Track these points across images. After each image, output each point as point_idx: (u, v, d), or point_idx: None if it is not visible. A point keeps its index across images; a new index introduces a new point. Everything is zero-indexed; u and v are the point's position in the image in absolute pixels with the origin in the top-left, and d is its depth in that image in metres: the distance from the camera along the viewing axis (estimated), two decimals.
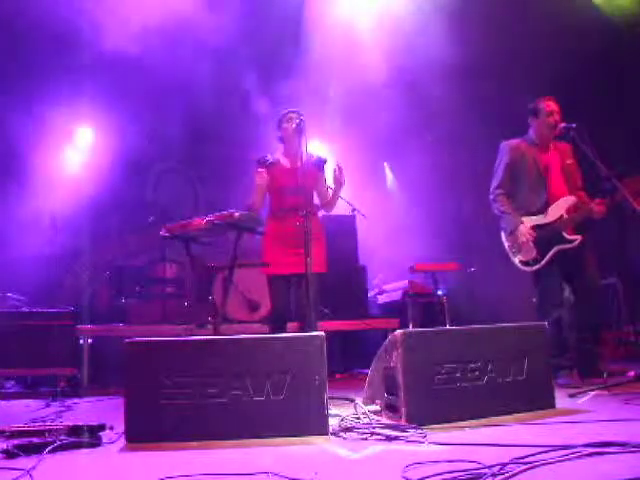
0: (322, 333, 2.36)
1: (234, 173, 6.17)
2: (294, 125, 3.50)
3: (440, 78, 6.26)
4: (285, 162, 3.70)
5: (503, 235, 3.96)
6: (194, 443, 2.20)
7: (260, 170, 3.62)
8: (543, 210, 3.81)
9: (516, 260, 3.87)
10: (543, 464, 1.63)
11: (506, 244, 3.93)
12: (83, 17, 5.62)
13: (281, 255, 3.56)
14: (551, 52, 5.76)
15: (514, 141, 3.98)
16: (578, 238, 3.70)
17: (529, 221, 3.82)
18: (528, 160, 3.87)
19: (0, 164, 6.03)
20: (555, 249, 3.73)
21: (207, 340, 2.45)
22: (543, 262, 3.75)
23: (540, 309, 3.79)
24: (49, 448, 2.05)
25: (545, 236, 3.75)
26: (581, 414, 2.53)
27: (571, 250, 3.72)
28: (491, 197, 3.99)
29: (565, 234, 3.73)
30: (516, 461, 1.64)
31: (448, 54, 5.86)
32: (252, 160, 3.75)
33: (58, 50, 5.76)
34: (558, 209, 3.76)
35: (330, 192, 3.76)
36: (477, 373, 2.56)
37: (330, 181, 3.70)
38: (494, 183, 3.99)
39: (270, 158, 3.69)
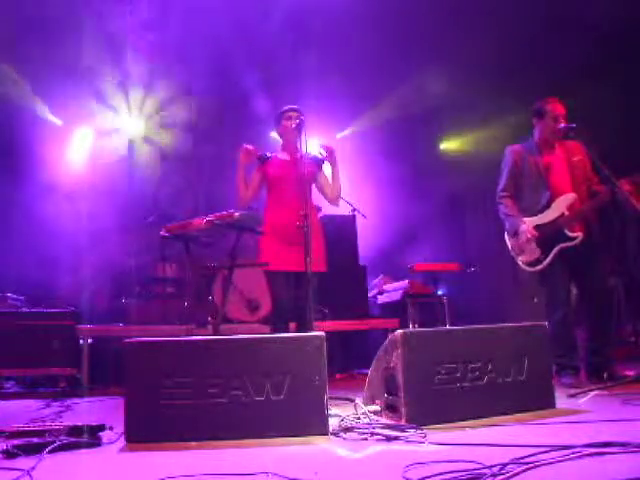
0: (322, 333, 2.36)
1: (234, 173, 6.16)
2: (294, 125, 3.51)
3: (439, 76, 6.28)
4: (284, 156, 3.70)
5: (506, 236, 3.98)
6: (194, 443, 2.20)
7: (259, 166, 3.64)
8: (546, 209, 3.79)
9: (520, 261, 3.88)
10: (543, 464, 1.63)
11: (509, 245, 3.94)
12: (83, 16, 5.63)
13: (280, 251, 3.52)
14: (549, 50, 5.77)
15: (517, 146, 3.99)
16: (580, 235, 3.68)
17: (531, 221, 3.81)
18: (529, 162, 3.87)
19: (0, 164, 6.03)
20: (558, 247, 3.71)
21: (207, 340, 2.45)
22: (546, 262, 3.73)
23: (547, 308, 3.78)
24: (49, 448, 2.05)
25: (547, 235, 3.74)
26: (581, 414, 2.53)
27: (578, 249, 3.70)
28: (497, 199, 4.01)
29: (567, 231, 3.71)
30: (516, 461, 1.64)
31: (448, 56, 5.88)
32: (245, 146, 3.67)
33: (58, 50, 5.76)
34: (559, 207, 3.74)
35: (329, 179, 3.72)
36: (477, 373, 2.56)
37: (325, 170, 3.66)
38: (499, 187, 4.00)
39: (269, 154, 3.69)
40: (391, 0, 5.81)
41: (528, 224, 3.79)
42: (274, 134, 3.81)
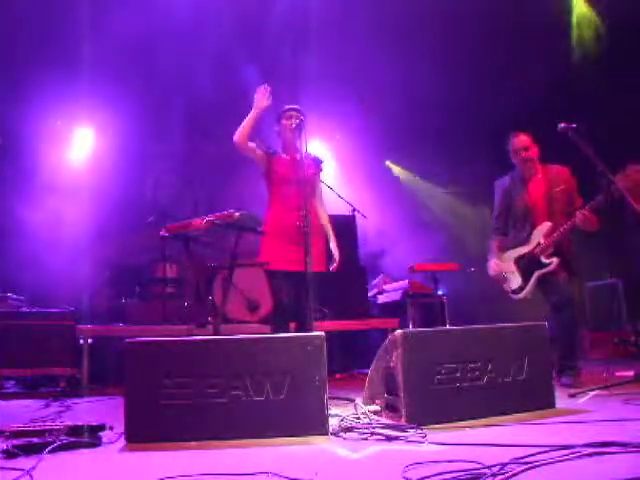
0: (322, 333, 2.36)
1: (234, 173, 6.17)
2: (294, 125, 3.50)
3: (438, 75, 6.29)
4: (284, 156, 3.69)
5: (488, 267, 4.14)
6: (194, 443, 2.20)
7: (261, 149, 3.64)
8: (527, 240, 3.89)
9: (504, 288, 4.03)
10: (543, 464, 1.63)
11: (492, 275, 4.09)
12: (82, 16, 5.63)
13: (282, 251, 3.49)
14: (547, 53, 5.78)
15: (503, 180, 4.10)
16: (554, 261, 3.76)
17: (513, 253, 3.95)
18: (514, 195, 3.99)
19: (0, 165, 6.03)
20: (536, 275, 3.82)
21: (207, 340, 2.45)
22: (528, 288, 3.86)
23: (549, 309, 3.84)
24: (49, 448, 2.05)
25: (527, 264, 3.86)
26: (581, 414, 2.53)
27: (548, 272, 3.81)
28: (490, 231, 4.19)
29: (543, 258, 3.80)
30: (516, 461, 1.65)
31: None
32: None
33: (57, 50, 5.76)
34: (536, 237, 3.85)
35: (327, 228, 3.75)
36: (477, 373, 2.56)
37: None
38: (492, 219, 4.17)
39: (272, 150, 3.69)
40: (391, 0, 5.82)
41: (498, 261, 4.00)
42: (273, 131, 3.78)
